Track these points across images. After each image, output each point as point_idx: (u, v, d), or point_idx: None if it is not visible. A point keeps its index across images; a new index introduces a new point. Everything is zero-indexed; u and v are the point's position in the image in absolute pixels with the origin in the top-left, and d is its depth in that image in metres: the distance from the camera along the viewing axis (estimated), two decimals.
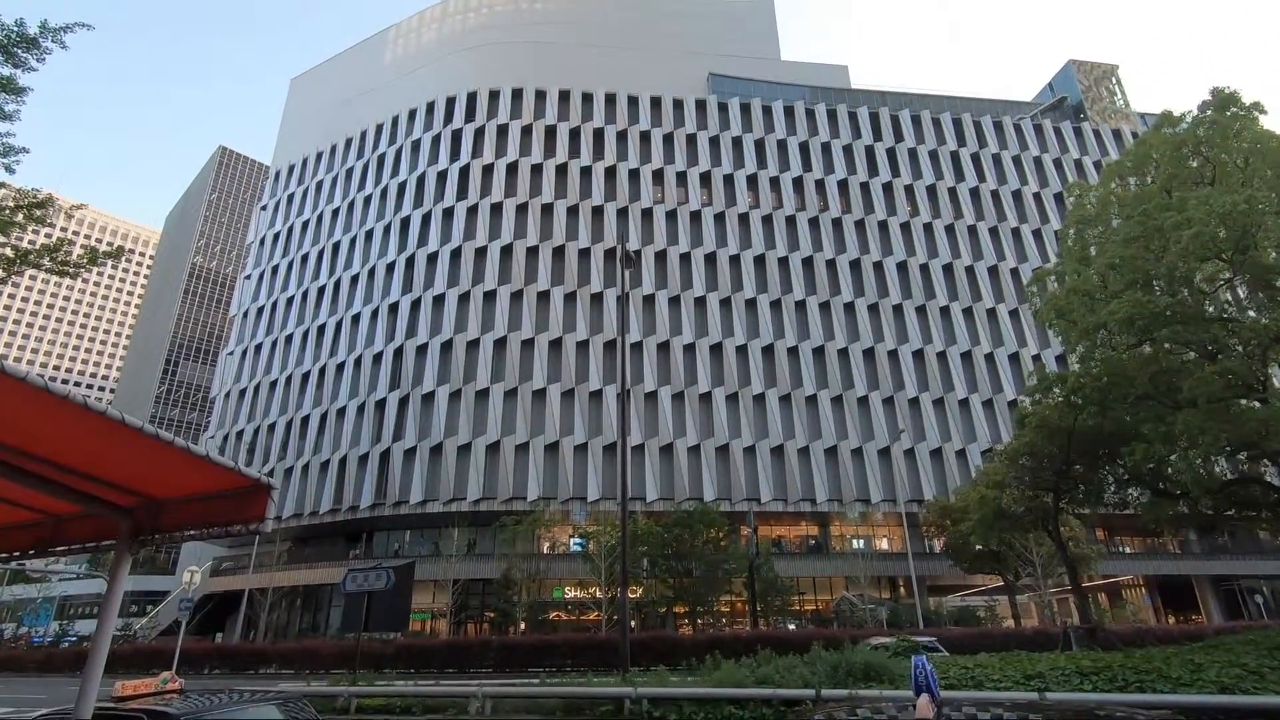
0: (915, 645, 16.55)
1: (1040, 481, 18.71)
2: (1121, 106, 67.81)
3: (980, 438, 50.18)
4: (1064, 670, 11.60)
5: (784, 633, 31.33)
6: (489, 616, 42.91)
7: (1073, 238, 19.17)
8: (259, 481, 3.84)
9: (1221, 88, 16.67)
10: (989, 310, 55.10)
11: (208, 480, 3.93)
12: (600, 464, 46.81)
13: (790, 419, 49.52)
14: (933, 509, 41.63)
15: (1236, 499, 16.25)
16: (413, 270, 53.54)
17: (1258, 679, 10.71)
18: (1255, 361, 14.09)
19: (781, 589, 38.08)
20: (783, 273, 54.82)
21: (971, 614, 42.05)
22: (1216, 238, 13.64)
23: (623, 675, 15.32)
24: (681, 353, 50.91)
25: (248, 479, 3.79)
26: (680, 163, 58.43)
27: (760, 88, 64.57)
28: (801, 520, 49.88)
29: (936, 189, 59.68)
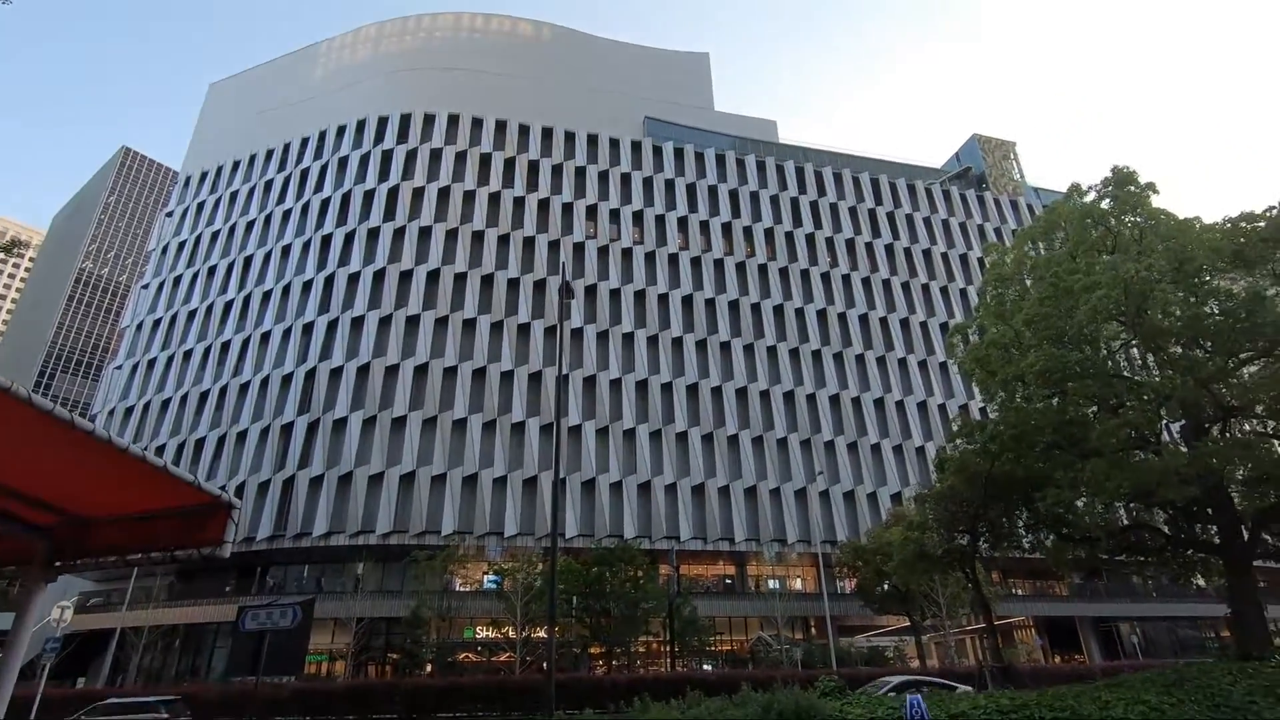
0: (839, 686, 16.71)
1: (958, 523, 19.68)
2: (1018, 179, 74.18)
3: (890, 481, 52.28)
4: (986, 709, 12.00)
5: (706, 674, 31.06)
6: (393, 658, 40.45)
7: (991, 294, 20.66)
8: (219, 499, 3.45)
9: (1121, 167, 18.60)
10: (900, 360, 58.06)
11: (153, 495, 3.49)
12: (519, 498, 45.66)
13: (712, 458, 50.07)
14: (845, 550, 42.76)
15: (1129, 544, 17.64)
16: (332, 290, 51.34)
17: (1159, 714, 11.48)
18: (1150, 416, 15.53)
19: (700, 629, 37.88)
20: (709, 314, 56.03)
21: (880, 654, 43.11)
22: (1118, 301, 15.05)
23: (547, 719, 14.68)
24: (608, 388, 50.82)
25: (206, 495, 3.39)
26: (614, 200, 59.23)
27: (694, 135, 66.75)
28: (719, 559, 50.12)
29: (855, 243, 62.98)
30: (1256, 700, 13.04)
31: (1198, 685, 14.09)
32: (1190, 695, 13.45)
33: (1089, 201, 19.21)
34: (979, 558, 22.04)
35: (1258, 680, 13.82)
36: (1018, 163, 76.19)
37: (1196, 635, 53.17)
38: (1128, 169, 19.23)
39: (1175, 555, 18.41)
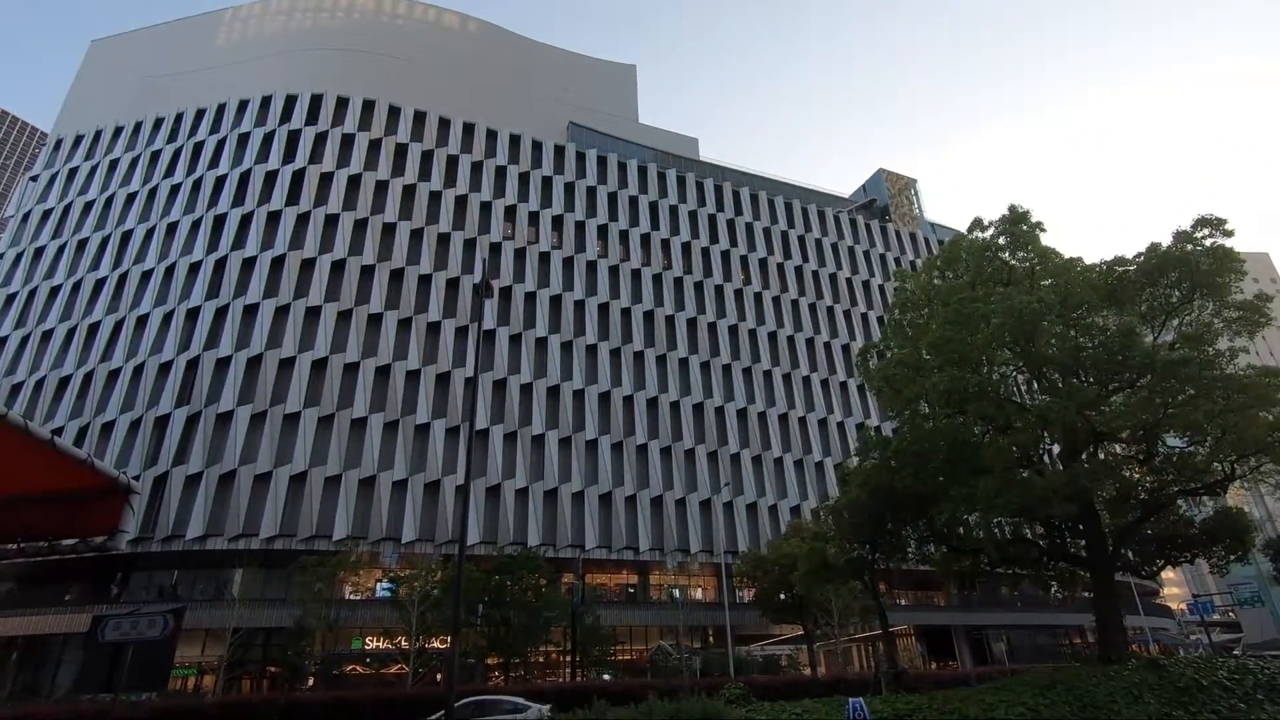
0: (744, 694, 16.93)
1: (860, 535, 20.52)
2: (917, 214, 79.20)
3: (791, 495, 54.05)
4: (883, 714, 12.45)
5: (608, 683, 30.77)
6: (271, 671, 37.67)
7: (899, 318, 21.81)
8: (116, 481, 2.95)
9: (1016, 205, 20.24)
10: (804, 378, 60.32)
11: (32, 474, 2.94)
12: (419, 503, 43.86)
13: (621, 466, 50.04)
14: (747, 560, 43.73)
15: (1011, 556, 19.01)
16: (223, 274, 47.70)
17: (1035, 714, 12.31)
18: (1035, 438, 16.82)
19: (602, 638, 37.57)
20: (624, 323, 56.18)
21: (775, 662, 44.25)
22: (1011, 330, 16.24)
23: None
24: (518, 392, 49.85)
25: (101, 477, 2.89)
26: (534, 203, 58.45)
27: (617, 144, 67.12)
28: (623, 569, 50.03)
29: (767, 263, 65.08)
30: (1117, 699, 14.28)
31: (1067, 687, 15.26)
32: (1061, 696, 14.55)
33: (988, 236, 20.76)
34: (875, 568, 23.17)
35: (1117, 682, 15.14)
36: (917, 198, 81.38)
37: (1053, 642, 58.00)
38: (1022, 209, 20.89)
39: (1050, 567, 20.02)
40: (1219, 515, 20.76)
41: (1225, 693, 14.80)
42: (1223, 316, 18.22)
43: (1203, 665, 16.85)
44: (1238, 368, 17.61)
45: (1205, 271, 18.06)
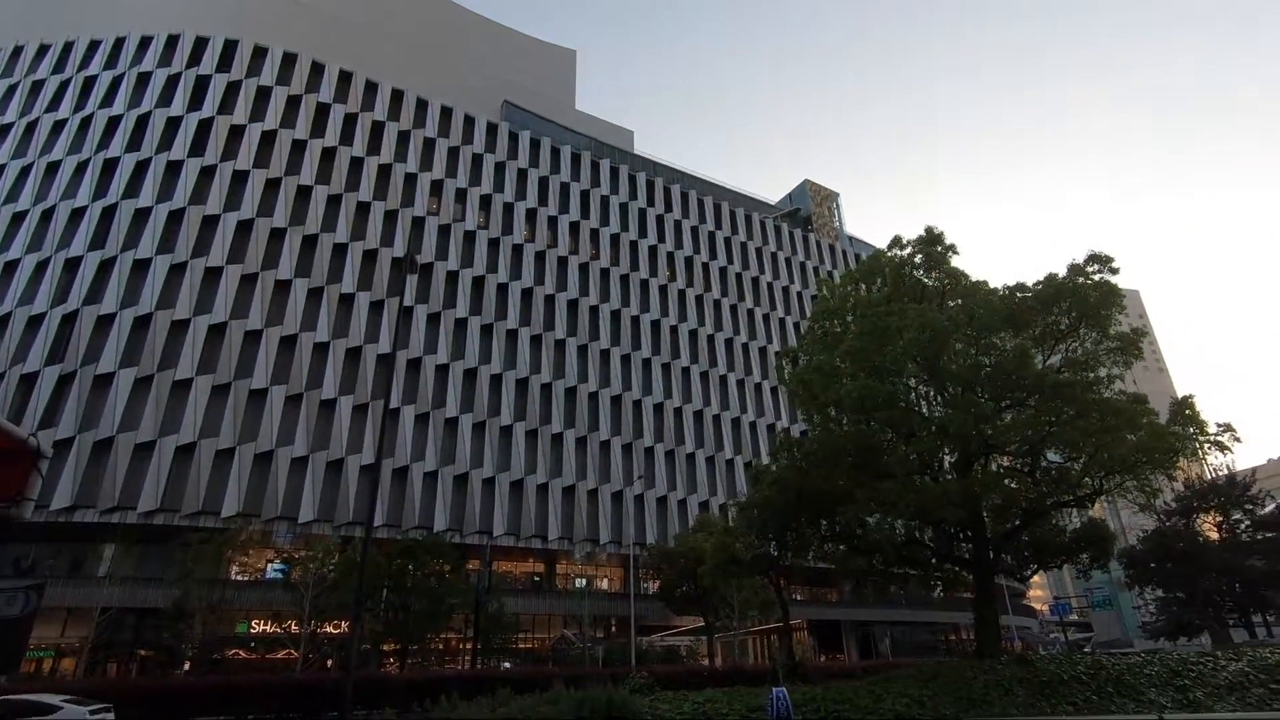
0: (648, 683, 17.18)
1: (769, 532, 21.26)
2: (838, 226, 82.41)
3: (701, 490, 55.22)
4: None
5: (510, 671, 30.47)
6: (143, 655, 35.10)
7: (818, 326, 22.70)
8: (25, 444, 2.65)
9: (932, 227, 21.50)
10: (721, 377, 61.69)
11: None
12: (320, 481, 41.93)
13: (535, 454, 49.60)
14: (654, 552, 44.38)
15: (905, 557, 20.25)
16: (111, 224, 43.78)
17: (920, 705, 13.16)
18: (934, 447, 17.95)
19: (506, 626, 37.19)
20: (547, 310, 55.62)
21: (675, 652, 45.18)
22: (922, 345, 17.24)
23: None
24: (433, 373, 48.46)
25: (9, 439, 2.59)
26: (462, 179, 56.82)
27: (552, 129, 66.20)
28: (530, 557, 49.70)
29: (693, 261, 66.03)
30: (991, 692, 15.47)
31: (947, 681, 16.40)
32: (942, 689, 15.61)
33: (905, 254, 21.96)
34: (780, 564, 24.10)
35: (992, 676, 16.40)
36: (839, 211, 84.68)
37: (933, 639, 62.15)
38: (938, 231, 22.21)
39: (938, 568, 21.45)
40: (1087, 526, 22.84)
41: (1082, 686, 16.31)
42: (1104, 346, 20.00)
43: (1064, 661, 18.50)
44: (1113, 393, 19.41)
45: (1092, 304, 19.78)
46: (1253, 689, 17.22)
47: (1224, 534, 42.26)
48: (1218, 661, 18.79)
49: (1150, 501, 20.93)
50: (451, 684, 20.61)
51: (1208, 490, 43.39)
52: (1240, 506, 41.87)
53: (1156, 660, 18.61)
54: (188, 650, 33.14)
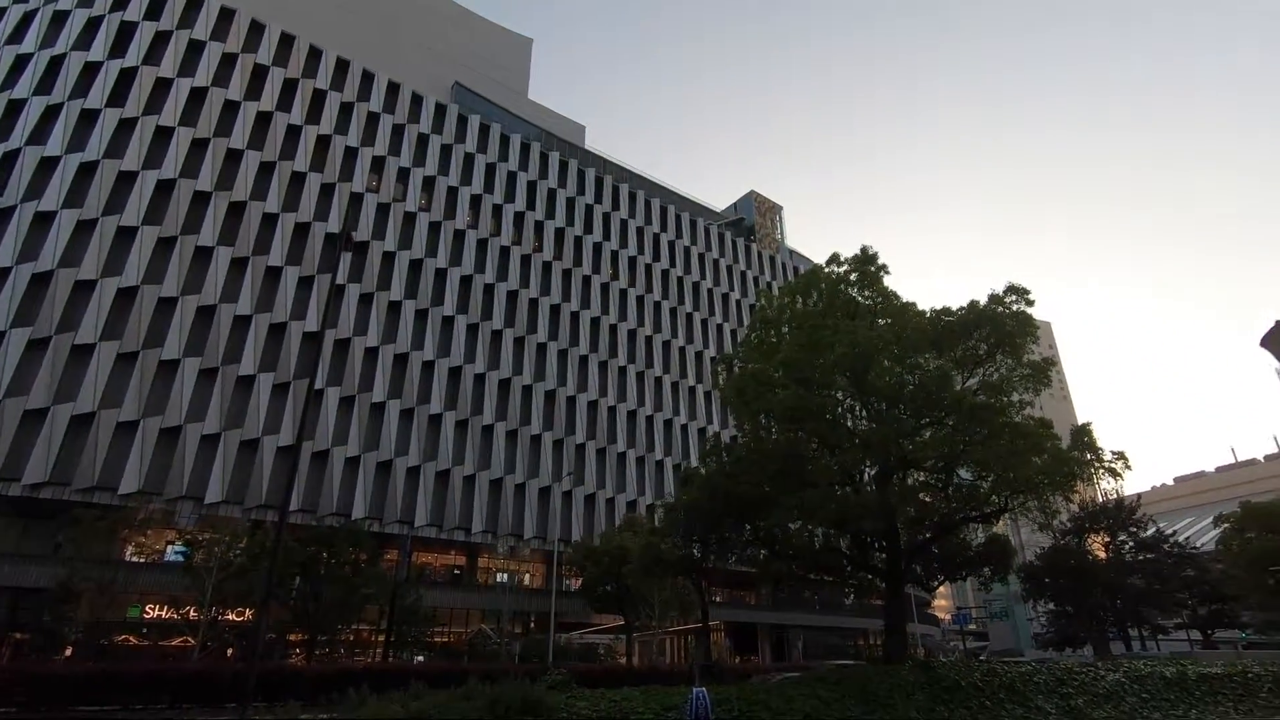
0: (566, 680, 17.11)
1: (694, 534, 21.54)
2: (779, 239, 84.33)
3: (630, 489, 55.43)
4: None
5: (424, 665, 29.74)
6: (18, 638, 32.51)
7: (756, 335, 23.17)
8: None
9: (867, 247, 22.34)
10: (656, 378, 62.10)
11: None
12: (231, 460, 39.90)
13: (464, 445, 48.66)
14: (579, 550, 44.25)
15: (823, 563, 20.92)
16: (12, 171, 40.36)
17: (828, 706, 13.62)
18: (857, 459, 18.61)
19: (422, 619, 36.31)
20: (485, 299, 54.67)
21: (593, 650, 45.18)
22: (852, 360, 17.86)
23: (242, 713, 12.86)
24: (362, 356, 46.87)
25: None
26: (406, 158, 55.17)
27: (504, 116, 65.13)
28: (452, 549, 48.76)
29: (636, 261, 66.20)
30: (894, 695, 16.18)
31: (854, 684, 17.03)
32: (849, 691, 16.21)
33: (842, 271, 22.71)
34: (704, 566, 24.49)
35: (895, 679, 17.15)
36: (782, 224, 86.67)
37: (843, 643, 64.41)
38: (872, 251, 23.07)
39: (853, 575, 22.26)
40: (990, 541, 24.18)
41: (977, 692, 17.27)
42: (1017, 372, 21.22)
43: (961, 668, 19.51)
44: (1022, 418, 20.62)
45: (1009, 331, 20.96)
46: (1127, 698, 18.61)
47: (1110, 554, 45.51)
48: (1098, 672, 20.23)
49: (1049, 521, 22.31)
50: (361, 677, 20.00)
51: (1099, 513, 46.62)
52: (1126, 529, 45.19)
53: (1044, 669, 19.87)
54: (70, 634, 30.87)
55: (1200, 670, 21.48)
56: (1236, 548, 47.45)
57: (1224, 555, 49.29)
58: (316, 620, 32.51)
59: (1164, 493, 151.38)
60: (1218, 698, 20.02)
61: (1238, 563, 45.38)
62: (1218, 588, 46.89)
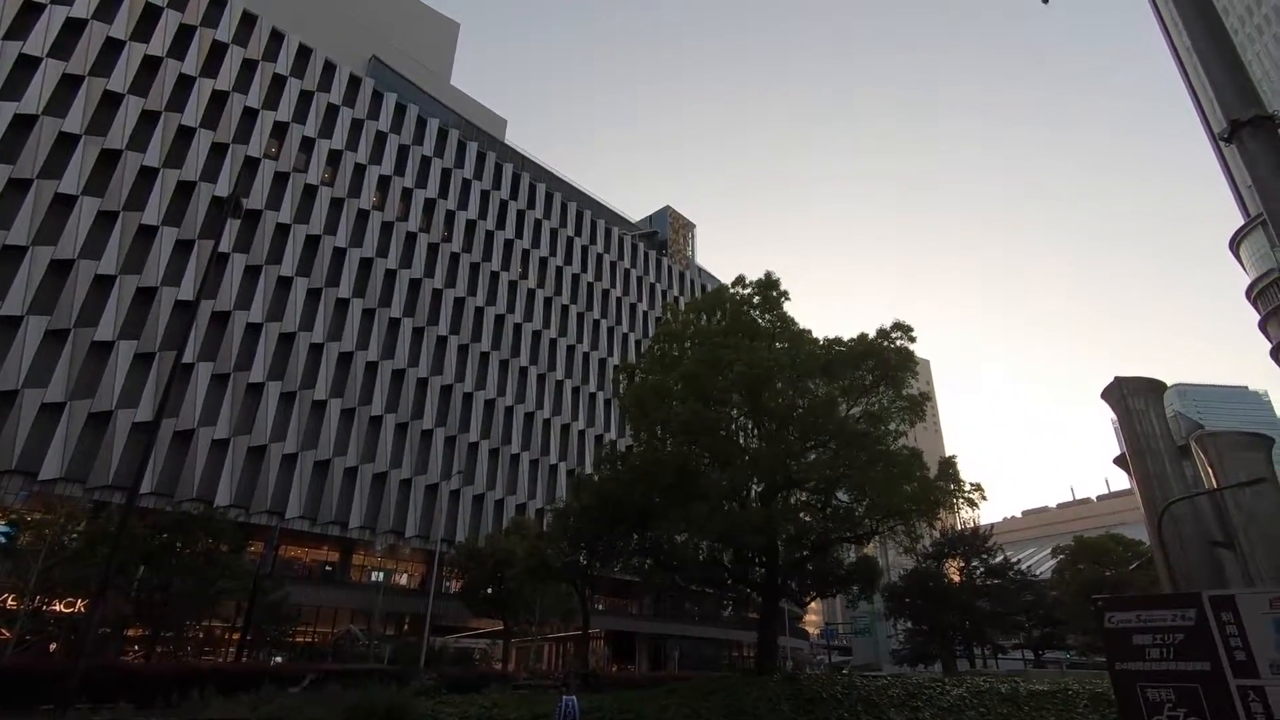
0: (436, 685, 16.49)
1: (583, 540, 21.43)
2: (690, 255, 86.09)
3: (520, 492, 54.54)
4: None
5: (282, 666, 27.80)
6: None
7: (659, 347, 23.47)
8: None
9: (771, 272, 23.27)
10: (558, 381, 61.60)
11: None
12: (76, 434, 36.03)
13: (348, 434, 46.24)
14: (462, 551, 43.03)
15: (706, 575, 21.39)
16: None
17: (698, 716, 13.90)
18: (746, 476, 19.21)
19: (284, 617, 34.00)
20: (386, 284, 52.39)
21: (468, 655, 43.96)
22: (749, 380, 18.45)
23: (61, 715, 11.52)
24: (243, 331, 43.66)
25: None
26: (311, 128, 52.10)
27: (423, 99, 62.93)
28: (325, 544, 46.12)
29: (547, 263, 65.56)
30: (760, 706, 16.74)
31: (724, 694, 17.49)
32: (719, 701, 16.64)
33: (746, 293, 23.48)
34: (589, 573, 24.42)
35: (764, 691, 17.76)
36: (694, 242, 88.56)
37: (718, 654, 65.97)
38: (775, 277, 24.05)
39: (733, 588, 22.91)
40: (861, 561, 25.60)
41: (837, 704, 18.15)
42: (897, 404, 22.66)
43: (824, 681, 20.48)
44: (898, 447, 22.01)
45: (892, 365, 22.38)
46: (967, 711, 20.13)
47: (964, 578, 49.26)
48: (944, 687, 21.78)
49: (914, 544, 23.91)
50: (208, 678, 18.44)
51: (957, 539, 50.42)
52: (979, 555, 49.09)
53: (898, 684, 21.20)
54: None
55: (1030, 687, 23.59)
56: (1068, 577, 52.74)
57: (1058, 583, 54.65)
58: (164, 614, 29.73)
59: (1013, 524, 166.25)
60: (1043, 712, 22.05)
61: (1068, 590, 50.45)
62: (1050, 612, 51.85)
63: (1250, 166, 4.70)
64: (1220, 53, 5.09)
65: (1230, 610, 6.63)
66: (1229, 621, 6.57)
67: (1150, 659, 7.05)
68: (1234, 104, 4.95)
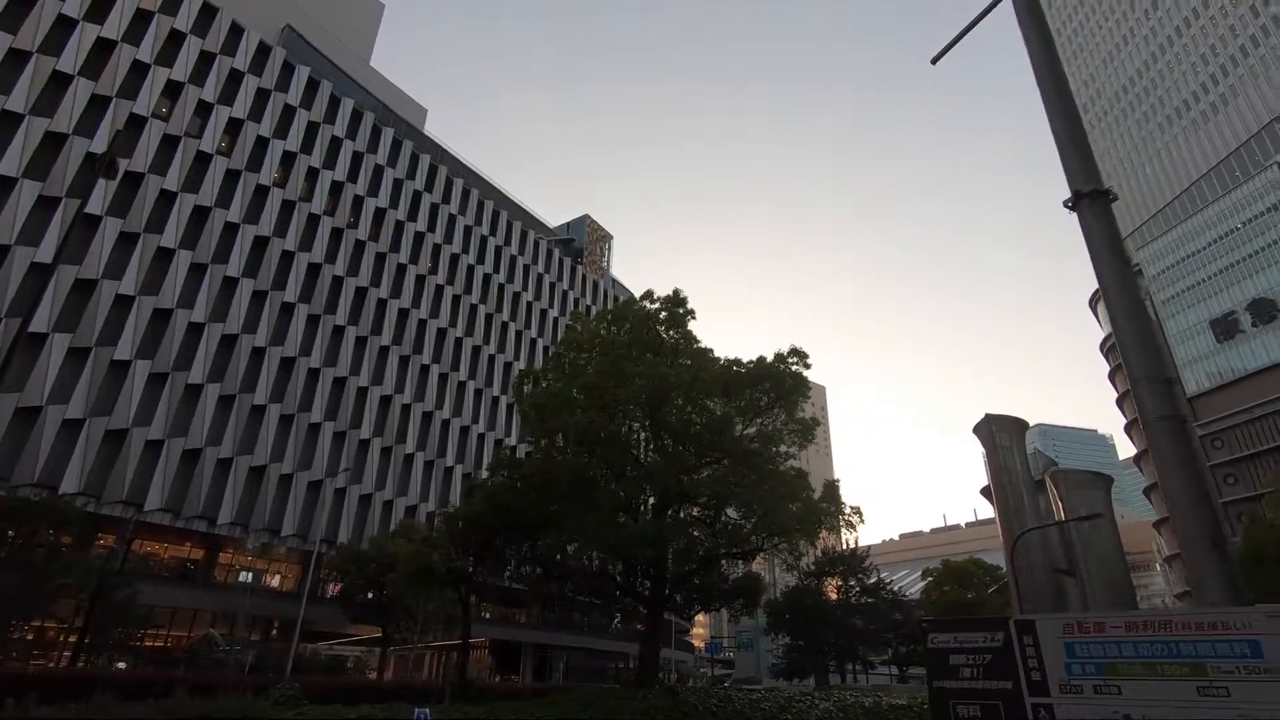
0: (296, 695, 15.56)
1: (471, 547, 20.87)
2: (605, 266, 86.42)
3: (412, 494, 52.56)
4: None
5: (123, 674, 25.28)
6: None
7: (563, 355, 23.35)
8: None
9: (679, 290, 23.73)
10: (460, 382, 60.00)
11: None
12: None
13: (224, 422, 43.08)
14: (343, 553, 40.90)
15: (595, 587, 21.35)
16: None
17: None
18: (640, 489, 19.41)
19: (135, 619, 31.04)
20: (282, 265, 49.40)
21: (341, 663, 41.72)
22: (649, 394, 18.71)
23: None
24: (112, 302, 39.91)
25: None
26: (210, 92, 48.56)
27: (339, 77, 60.15)
28: (188, 540, 42.61)
29: (459, 260, 63.93)
30: (638, 718, 16.85)
31: (603, 706, 17.51)
32: (597, 713, 16.62)
33: (654, 309, 23.84)
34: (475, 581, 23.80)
35: (642, 704, 17.90)
36: (610, 253, 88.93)
37: (603, 666, 65.80)
38: (683, 295, 24.57)
39: (620, 600, 23.00)
40: (745, 577, 26.38)
41: (713, 716, 18.55)
42: (789, 426, 23.61)
43: (703, 693, 20.91)
44: (788, 468, 22.92)
45: (787, 388, 23.31)
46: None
47: (841, 596, 51.73)
48: (814, 700, 22.72)
49: (796, 562, 24.91)
50: (31, 685, 16.54)
51: (837, 559, 52.93)
52: (856, 575, 51.73)
53: (771, 697, 21.93)
54: None
55: (892, 701, 24.99)
56: (934, 598, 56.42)
57: (925, 603, 58.36)
58: None
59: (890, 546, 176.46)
60: None
61: (933, 610, 53.95)
62: (915, 631, 55.32)
63: (1087, 236, 5.31)
64: (1070, 128, 5.74)
65: (1031, 634, 7.37)
66: (1029, 644, 7.30)
67: (963, 677, 7.71)
68: (1077, 175, 5.58)
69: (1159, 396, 5.76)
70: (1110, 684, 6.81)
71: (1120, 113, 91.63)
